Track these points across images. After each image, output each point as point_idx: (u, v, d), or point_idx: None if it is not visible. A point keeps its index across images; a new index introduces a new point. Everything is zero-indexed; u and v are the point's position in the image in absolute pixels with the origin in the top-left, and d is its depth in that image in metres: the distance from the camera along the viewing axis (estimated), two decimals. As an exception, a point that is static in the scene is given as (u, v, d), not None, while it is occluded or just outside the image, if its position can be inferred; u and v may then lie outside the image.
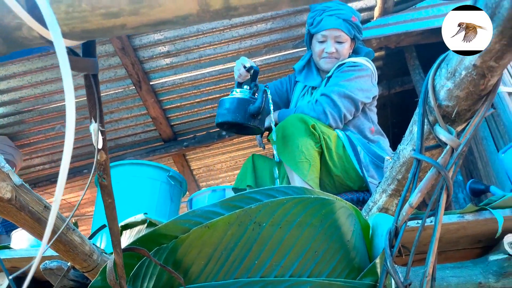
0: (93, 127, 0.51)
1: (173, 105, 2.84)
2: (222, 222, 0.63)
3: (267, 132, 1.83)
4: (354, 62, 1.80)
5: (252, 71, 1.70)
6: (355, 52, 1.91)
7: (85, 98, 0.51)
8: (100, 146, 0.52)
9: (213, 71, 2.66)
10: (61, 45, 0.38)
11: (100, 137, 0.52)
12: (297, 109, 1.76)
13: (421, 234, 1.39)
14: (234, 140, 3.08)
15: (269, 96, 1.65)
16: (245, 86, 1.69)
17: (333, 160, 1.66)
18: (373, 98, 1.83)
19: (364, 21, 2.56)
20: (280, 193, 0.69)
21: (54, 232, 0.97)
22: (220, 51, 2.55)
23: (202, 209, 0.67)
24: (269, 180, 1.74)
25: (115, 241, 0.58)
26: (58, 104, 2.68)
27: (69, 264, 1.40)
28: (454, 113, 0.68)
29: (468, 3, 0.57)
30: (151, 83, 2.64)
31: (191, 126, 3.02)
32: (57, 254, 1.14)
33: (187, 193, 2.63)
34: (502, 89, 2.07)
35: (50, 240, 0.95)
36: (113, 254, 0.60)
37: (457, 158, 0.64)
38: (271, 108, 1.68)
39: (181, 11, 0.39)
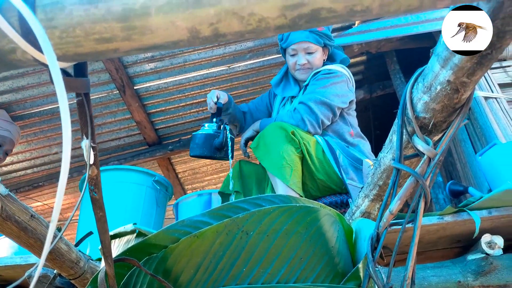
0: (85, 143, 0.52)
1: (158, 109, 2.84)
2: (210, 231, 0.65)
3: (250, 141, 1.87)
4: (329, 70, 1.86)
5: (218, 107, 1.88)
6: (330, 59, 1.97)
7: (72, 103, 0.52)
8: (91, 161, 0.54)
9: (197, 75, 2.67)
10: (56, 70, 0.40)
11: (92, 153, 0.53)
12: (277, 118, 1.82)
13: (402, 236, 1.43)
14: (219, 143, 3.09)
15: (228, 134, 1.85)
16: (215, 120, 1.89)
17: (314, 164, 1.71)
18: (350, 102, 1.89)
19: (345, 27, 2.61)
20: (266, 202, 0.72)
21: (43, 242, 0.97)
22: (205, 56, 2.57)
23: (191, 219, 0.69)
24: (255, 185, 1.78)
25: (106, 253, 0.59)
26: (40, 109, 2.65)
27: (55, 271, 1.40)
28: (430, 125, 0.72)
29: (446, 10, 0.60)
30: (135, 88, 2.64)
31: (176, 130, 3.02)
32: (43, 262, 1.13)
33: (173, 197, 2.64)
34: (479, 93, 2.15)
35: (30, 244, 0.95)
36: (104, 265, 0.61)
37: (434, 167, 0.68)
38: (230, 143, 1.85)
39: (172, 37, 0.41)
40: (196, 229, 0.66)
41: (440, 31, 0.56)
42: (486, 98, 2.15)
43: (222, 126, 1.83)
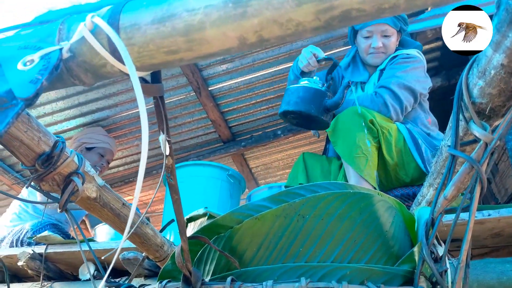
0: (162, 138, 0.63)
1: (231, 108, 3.00)
2: (270, 214, 0.73)
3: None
4: (408, 54, 1.79)
5: (331, 63, 1.63)
6: (400, 45, 1.89)
7: (152, 106, 0.63)
8: (167, 153, 0.64)
9: (266, 73, 2.77)
10: (135, 79, 0.50)
11: (167, 146, 0.64)
12: (356, 101, 1.72)
13: (477, 228, 1.37)
14: (290, 138, 3.16)
15: (354, 93, 1.52)
16: (315, 77, 1.60)
17: (391, 153, 1.64)
18: (429, 89, 1.82)
19: (418, 12, 2.50)
20: (322, 189, 0.77)
21: (131, 226, 1.13)
22: (272, 54, 2.65)
23: (253, 203, 0.77)
24: (320, 177, 1.78)
25: (182, 231, 0.70)
26: (129, 113, 2.95)
27: (143, 254, 1.59)
28: (488, 109, 0.71)
29: (492, 7, 0.61)
30: (209, 89, 2.81)
31: (248, 127, 3.15)
32: (134, 246, 1.31)
33: (246, 190, 2.77)
34: None
35: (128, 232, 1.11)
36: (181, 241, 0.72)
37: (491, 152, 0.67)
38: (357, 104, 1.56)
39: (224, 46, 0.49)
40: (257, 213, 0.74)
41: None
42: None
43: (345, 86, 1.49)
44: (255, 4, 0.46)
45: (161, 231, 1.56)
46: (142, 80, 0.58)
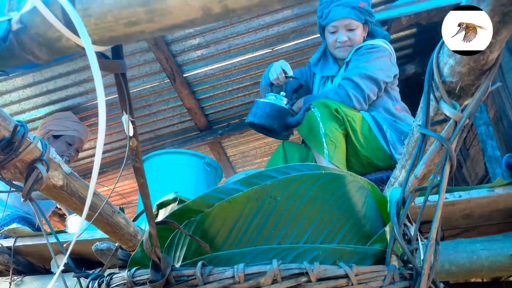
0: (125, 118, 0.60)
1: (207, 95, 2.95)
2: (241, 197, 0.71)
3: None
4: (372, 45, 1.84)
5: (298, 84, 1.78)
6: (370, 35, 1.93)
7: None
8: (131, 134, 0.61)
9: (242, 60, 2.73)
10: (92, 52, 0.47)
11: (131, 126, 0.61)
12: (321, 95, 1.82)
13: (448, 210, 1.39)
14: (267, 126, 3.15)
15: (318, 117, 1.64)
16: (282, 93, 1.73)
17: (359, 141, 1.71)
18: (394, 76, 1.86)
19: (392, 0, 2.52)
20: (294, 170, 0.76)
21: (103, 216, 1.09)
22: (248, 40, 2.61)
23: (224, 186, 0.76)
24: (298, 163, 1.81)
25: (149, 216, 0.67)
26: (101, 100, 2.86)
27: (116, 244, 1.55)
28: (458, 88, 0.71)
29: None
30: (184, 76, 2.76)
31: (225, 114, 3.12)
32: (107, 236, 1.27)
33: (224, 178, 2.75)
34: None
35: (91, 217, 1.06)
36: (148, 226, 0.69)
37: (460, 131, 0.68)
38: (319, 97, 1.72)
39: (188, 16, 0.46)
40: (229, 196, 0.72)
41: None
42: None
43: (306, 108, 1.63)
44: (218, -29, 0.43)
45: (134, 220, 1.53)
46: (102, 55, 0.54)
